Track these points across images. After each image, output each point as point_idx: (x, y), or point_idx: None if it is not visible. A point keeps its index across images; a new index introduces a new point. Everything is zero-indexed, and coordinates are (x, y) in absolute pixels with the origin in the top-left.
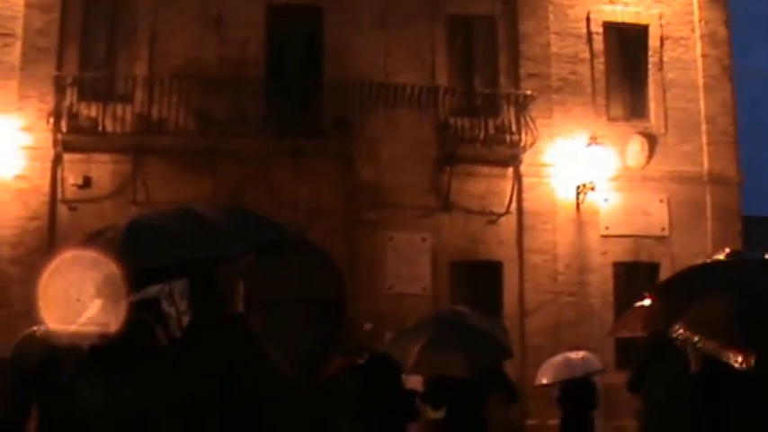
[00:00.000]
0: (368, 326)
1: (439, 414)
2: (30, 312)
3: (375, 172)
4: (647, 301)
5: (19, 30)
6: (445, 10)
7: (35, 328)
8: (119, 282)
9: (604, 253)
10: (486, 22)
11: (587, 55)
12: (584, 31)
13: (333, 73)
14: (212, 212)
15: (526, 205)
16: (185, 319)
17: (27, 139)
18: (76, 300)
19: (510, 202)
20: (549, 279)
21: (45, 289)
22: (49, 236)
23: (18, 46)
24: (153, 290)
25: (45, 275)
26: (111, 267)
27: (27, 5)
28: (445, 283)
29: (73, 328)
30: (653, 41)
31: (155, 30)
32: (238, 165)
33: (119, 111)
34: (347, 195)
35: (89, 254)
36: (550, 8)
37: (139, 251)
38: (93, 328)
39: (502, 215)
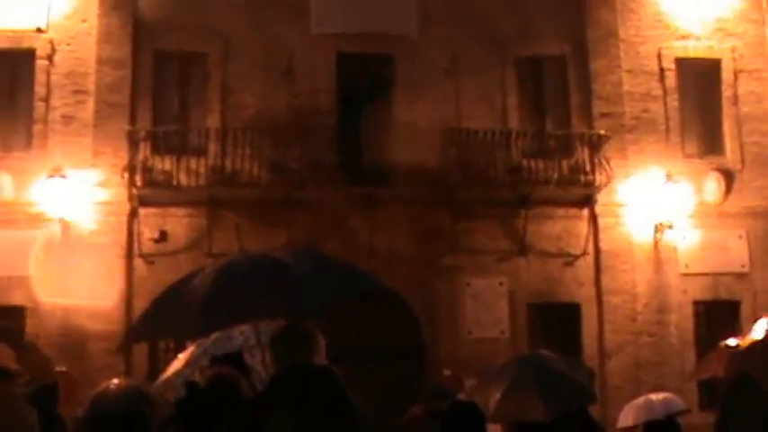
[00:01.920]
0: (447, 372)
1: None
2: (108, 366)
3: (450, 217)
4: (730, 341)
5: (91, 86)
6: (515, 52)
7: (114, 382)
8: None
9: (684, 291)
10: (557, 63)
11: (660, 92)
12: (656, 67)
13: (402, 117)
14: (297, 261)
15: (603, 245)
16: (269, 372)
17: (102, 195)
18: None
19: (586, 242)
20: (628, 319)
21: None
22: (126, 290)
23: (91, 102)
24: (235, 342)
25: None
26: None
27: (99, 62)
28: (523, 326)
29: (163, 377)
30: (726, 75)
31: (226, 82)
32: (312, 214)
33: (192, 164)
34: (423, 241)
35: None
36: (621, 46)
37: (223, 309)
38: (178, 382)
39: (579, 256)
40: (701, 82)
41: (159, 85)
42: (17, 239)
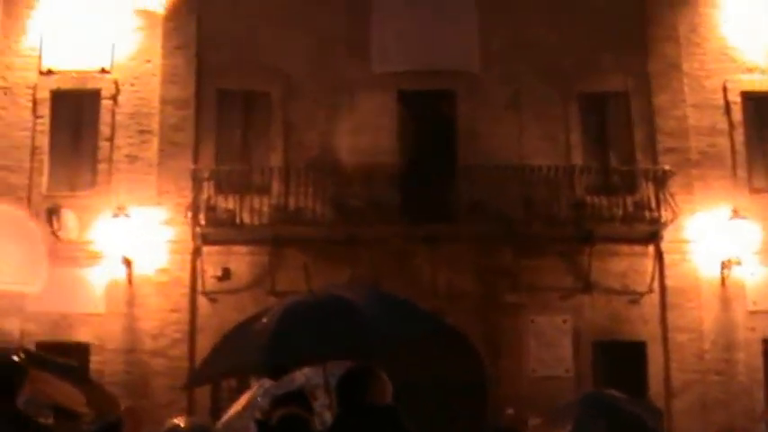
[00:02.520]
0: (510, 411)
1: None
2: (171, 404)
3: (513, 254)
4: None
5: (155, 126)
6: (577, 88)
7: (179, 421)
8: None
9: (752, 329)
10: (620, 98)
11: (726, 126)
12: (721, 101)
13: (467, 157)
14: (362, 301)
15: (669, 283)
16: (333, 412)
17: (167, 233)
18: None
19: (652, 280)
20: (695, 358)
21: None
22: (189, 328)
23: (155, 142)
24: (297, 382)
25: None
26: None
27: (162, 102)
28: (588, 364)
29: (223, 419)
30: None
31: (288, 121)
32: (375, 252)
33: (256, 202)
34: (486, 279)
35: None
36: (685, 80)
37: (290, 346)
38: (239, 423)
39: (644, 294)
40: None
41: (222, 124)
42: (82, 277)
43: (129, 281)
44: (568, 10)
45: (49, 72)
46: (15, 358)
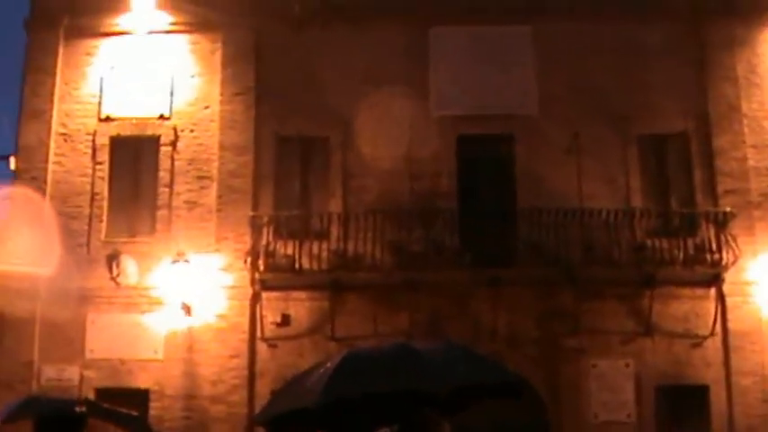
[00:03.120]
0: None
1: None
2: None
3: (573, 298)
4: None
5: (214, 172)
6: (636, 130)
7: None
8: None
9: None
10: (679, 140)
11: None
12: None
13: (526, 200)
14: (426, 347)
15: (732, 326)
16: None
17: (226, 279)
18: None
19: (714, 322)
20: (759, 401)
21: None
22: (248, 374)
23: (214, 188)
24: None
25: None
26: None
27: (221, 148)
28: (650, 409)
29: None
30: None
31: (347, 166)
32: (435, 296)
33: (315, 248)
34: (546, 322)
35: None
36: (745, 121)
37: (347, 381)
38: None
39: (707, 337)
40: None
41: (281, 169)
42: (141, 323)
43: (189, 327)
44: (626, 52)
45: (109, 119)
46: (77, 410)
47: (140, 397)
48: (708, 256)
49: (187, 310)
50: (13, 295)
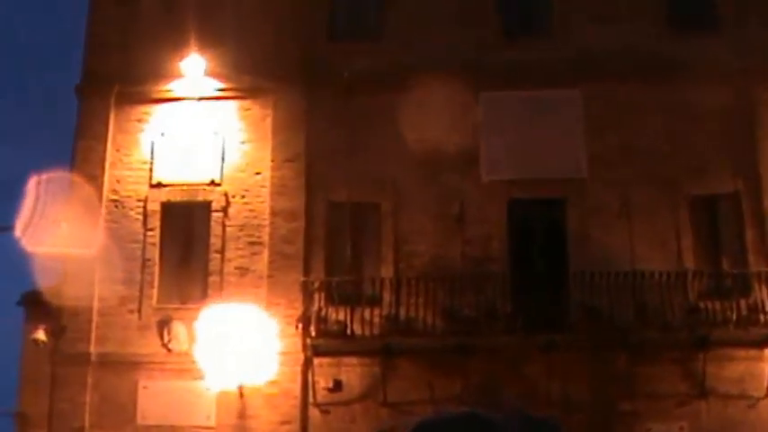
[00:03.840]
0: None
1: None
2: None
3: (627, 361)
4: None
5: (266, 238)
6: (687, 191)
7: None
8: None
9: None
10: (730, 200)
11: None
12: None
13: (578, 263)
14: (498, 418)
15: None
16: None
17: (277, 345)
18: None
19: None
20: None
21: None
22: None
23: (265, 254)
24: None
25: None
26: None
27: (272, 214)
28: None
29: None
30: None
31: (398, 231)
32: (488, 361)
33: (366, 313)
34: (600, 386)
35: None
36: None
37: None
38: None
39: (761, 398)
40: None
41: (332, 235)
42: (192, 389)
43: (240, 393)
44: (675, 113)
45: (160, 185)
46: None
47: None
48: (761, 317)
49: (238, 376)
50: (66, 360)
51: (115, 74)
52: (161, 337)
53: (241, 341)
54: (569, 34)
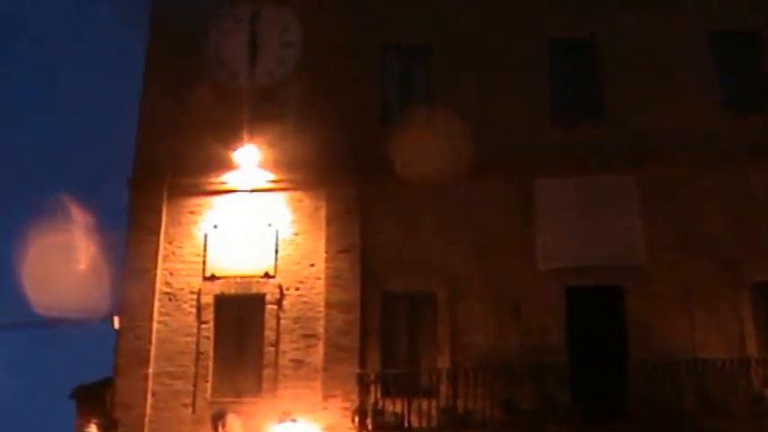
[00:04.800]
0: None
1: None
2: None
3: None
4: None
5: (320, 330)
6: (749, 276)
7: None
8: None
9: None
10: None
11: None
12: None
13: (638, 351)
14: None
15: None
16: None
17: None
18: None
19: None
20: None
21: None
22: None
23: (320, 346)
24: None
25: None
26: None
27: (327, 306)
28: None
29: None
30: None
31: (455, 322)
32: None
33: (423, 405)
34: None
35: None
36: None
37: None
38: None
39: None
40: None
41: (388, 326)
42: None
43: None
44: (734, 196)
45: (213, 277)
46: None
47: None
48: None
49: None
50: None
51: (167, 166)
52: (215, 430)
53: None
54: (623, 118)
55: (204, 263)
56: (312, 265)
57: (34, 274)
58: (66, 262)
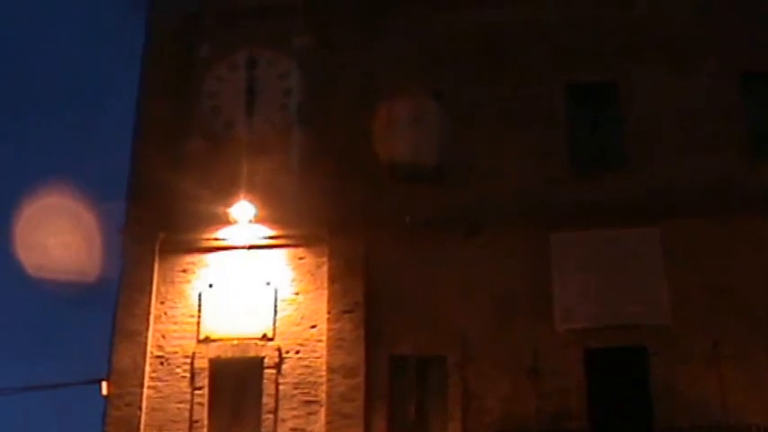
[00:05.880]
0: None
1: None
2: None
3: None
4: None
5: (323, 396)
6: None
7: None
8: None
9: None
10: None
11: None
12: None
13: (664, 417)
14: None
15: None
16: None
17: None
18: None
19: None
20: None
21: None
22: None
23: (322, 413)
24: None
25: None
26: None
27: (330, 370)
28: None
29: None
30: None
31: (467, 385)
32: None
33: None
34: None
35: None
36: None
37: None
38: None
39: None
40: None
41: (395, 391)
42: None
43: None
44: (765, 250)
45: (208, 339)
46: None
47: None
48: None
49: None
50: None
51: (159, 222)
52: None
53: None
54: (645, 167)
55: (198, 324)
56: (313, 326)
57: None
58: None
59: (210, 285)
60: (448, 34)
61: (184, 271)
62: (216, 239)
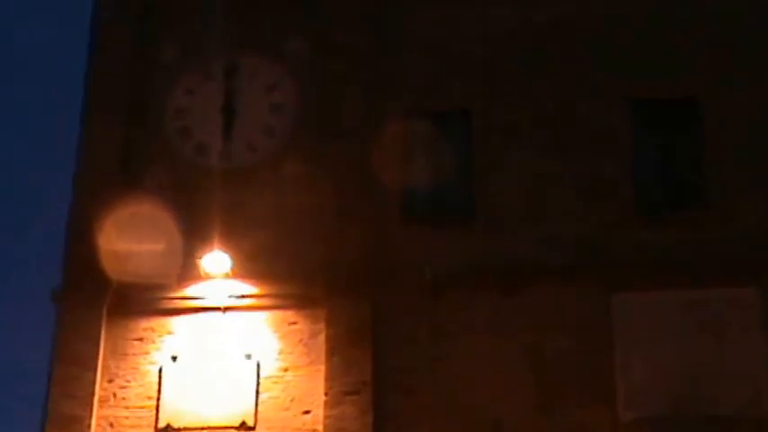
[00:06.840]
0: None
1: None
2: None
3: None
4: None
5: None
6: None
7: None
8: None
9: None
10: None
11: None
12: None
13: None
14: None
15: None
16: None
17: None
18: None
19: None
20: None
21: None
22: None
23: None
24: None
25: None
26: None
27: None
28: None
29: None
30: None
31: None
32: None
33: None
34: None
35: None
36: None
37: None
38: None
39: None
40: None
41: None
42: None
43: None
44: None
45: (169, 428)
46: None
47: None
48: None
49: None
50: None
51: (108, 272)
52: None
53: None
54: (733, 207)
55: (157, 409)
56: (307, 411)
57: None
58: None
59: (174, 358)
60: (476, 37)
61: (140, 339)
62: (182, 299)
